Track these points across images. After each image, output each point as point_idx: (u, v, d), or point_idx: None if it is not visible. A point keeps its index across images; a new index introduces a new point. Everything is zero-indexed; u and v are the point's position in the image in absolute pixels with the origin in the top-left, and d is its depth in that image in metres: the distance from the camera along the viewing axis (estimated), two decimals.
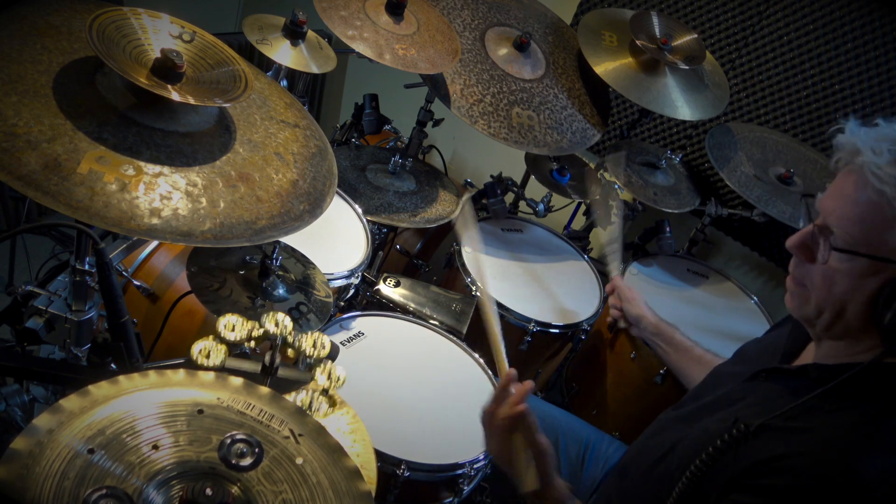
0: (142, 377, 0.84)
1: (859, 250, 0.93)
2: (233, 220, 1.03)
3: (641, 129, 2.70)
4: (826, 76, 2.28)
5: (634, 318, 1.72)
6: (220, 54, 1.15)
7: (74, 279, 1.19)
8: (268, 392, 0.89)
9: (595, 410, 2.09)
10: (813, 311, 1.01)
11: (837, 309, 0.98)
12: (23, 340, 1.22)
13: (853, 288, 0.95)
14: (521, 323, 1.89)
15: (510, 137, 1.95)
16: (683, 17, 2.47)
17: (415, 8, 1.87)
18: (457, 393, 1.60)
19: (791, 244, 1.02)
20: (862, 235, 0.93)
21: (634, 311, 1.71)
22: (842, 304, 0.97)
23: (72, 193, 0.90)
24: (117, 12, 1.06)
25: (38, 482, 0.68)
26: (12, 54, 1.00)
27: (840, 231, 0.95)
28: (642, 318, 1.69)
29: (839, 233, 0.95)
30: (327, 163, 1.28)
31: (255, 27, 1.63)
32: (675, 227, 2.27)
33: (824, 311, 0.99)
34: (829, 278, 0.97)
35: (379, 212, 1.95)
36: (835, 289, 0.96)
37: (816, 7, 2.23)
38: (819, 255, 0.97)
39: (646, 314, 1.69)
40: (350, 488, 0.81)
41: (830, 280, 0.97)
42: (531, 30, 2.18)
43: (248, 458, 0.78)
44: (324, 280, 1.55)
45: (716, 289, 2.23)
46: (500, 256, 2.10)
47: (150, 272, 1.61)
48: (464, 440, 1.46)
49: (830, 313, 0.99)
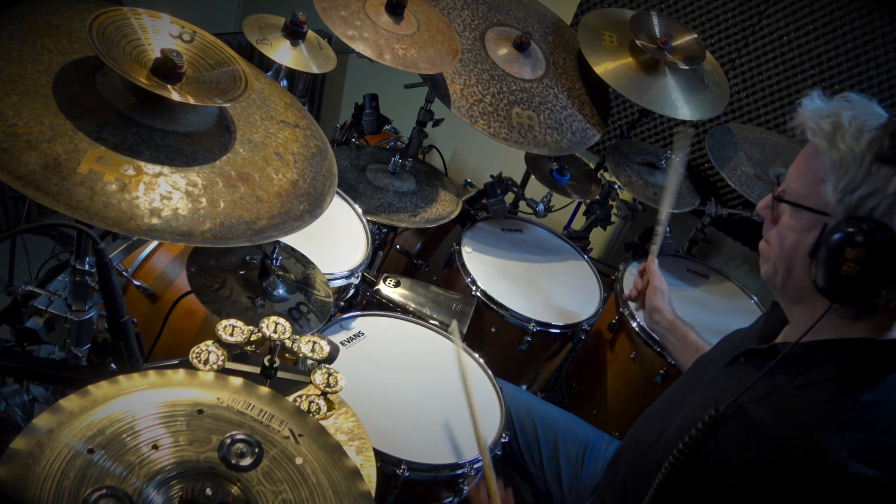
0: (142, 377, 0.84)
1: (800, 202, 0.99)
2: (233, 220, 1.03)
3: (641, 129, 2.70)
4: (826, 76, 2.28)
5: (651, 308, 1.68)
6: (220, 54, 1.15)
7: (74, 279, 1.19)
8: (268, 392, 0.89)
9: (595, 410, 2.09)
10: (771, 268, 1.06)
11: (787, 265, 1.02)
12: (23, 340, 1.22)
13: (798, 242, 0.99)
14: (521, 323, 1.89)
15: (510, 137, 1.95)
16: (683, 17, 2.47)
17: (415, 8, 1.86)
18: (457, 393, 1.59)
19: (759, 206, 1.09)
20: (802, 189, 0.99)
21: (655, 301, 1.66)
22: (790, 259, 1.01)
23: (72, 193, 0.90)
24: (117, 12, 1.06)
25: (38, 482, 0.68)
26: (12, 54, 1.00)
27: (788, 187, 1.02)
28: (659, 310, 1.66)
29: (787, 188, 1.02)
30: (327, 163, 1.28)
31: (255, 27, 1.63)
32: (675, 227, 2.27)
33: (778, 267, 1.04)
34: (781, 234, 1.03)
35: (379, 212, 1.95)
36: (785, 244, 1.02)
37: (816, 7, 2.23)
38: (774, 212, 1.05)
39: (664, 308, 1.65)
40: (350, 488, 0.81)
41: (782, 236, 1.02)
42: (531, 30, 2.18)
43: (248, 458, 0.78)
44: (324, 280, 1.55)
45: (716, 289, 2.23)
46: (500, 256, 2.10)
47: (150, 272, 1.61)
48: (464, 440, 1.46)
49: (782, 269, 1.03)
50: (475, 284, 1.94)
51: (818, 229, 0.95)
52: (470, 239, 2.10)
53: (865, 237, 0.88)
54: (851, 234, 0.89)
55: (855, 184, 0.91)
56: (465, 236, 2.09)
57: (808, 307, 1.01)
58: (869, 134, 0.92)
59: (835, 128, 0.94)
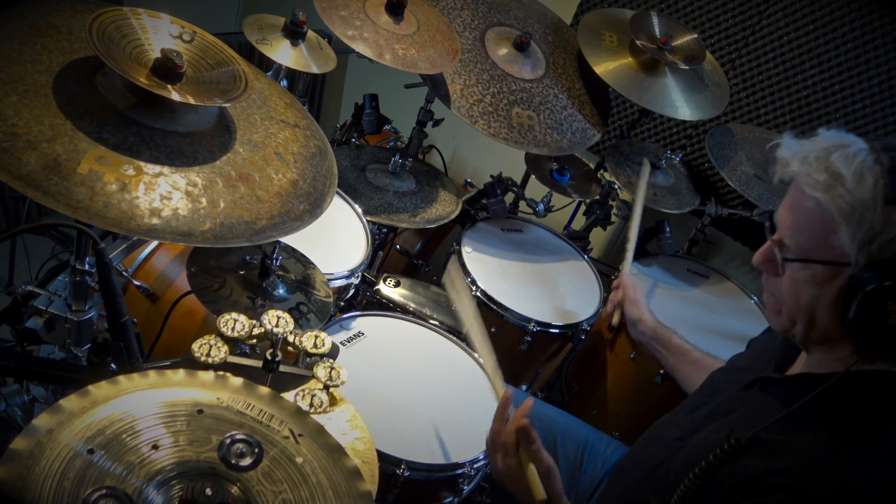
0: (142, 377, 0.84)
1: (811, 257, 0.96)
2: (233, 220, 1.03)
3: (641, 129, 2.70)
4: (826, 76, 2.28)
5: (632, 320, 1.71)
6: (220, 54, 1.15)
7: (74, 279, 1.19)
8: (268, 392, 0.89)
9: (595, 410, 2.09)
10: (787, 322, 1.04)
11: (808, 317, 1.00)
12: (23, 340, 1.22)
13: (817, 295, 0.97)
14: (521, 323, 1.89)
15: (510, 137, 1.95)
16: (683, 17, 2.47)
17: (415, 8, 1.86)
18: (457, 393, 1.59)
19: (756, 261, 1.06)
20: (810, 243, 0.96)
21: (634, 312, 1.71)
22: (811, 311, 0.99)
23: (72, 193, 0.90)
24: (117, 12, 1.06)
25: (38, 482, 0.68)
26: (12, 54, 1.00)
27: (791, 242, 0.99)
28: (641, 321, 1.69)
29: (790, 243, 0.99)
30: (327, 163, 1.28)
31: (255, 27, 1.63)
32: (675, 227, 2.27)
33: (797, 321, 1.02)
34: (793, 289, 1.00)
35: (379, 212, 1.95)
36: (801, 298, 0.99)
37: (816, 7, 2.23)
38: (779, 268, 1.02)
39: (645, 317, 1.68)
40: (350, 488, 0.81)
41: (795, 290, 1.00)
42: (531, 30, 2.18)
43: (248, 458, 0.78)
44: (324, 280, 1.55)
45: (716, 289, 2.23)
46: (500, 256, 2.10)
47: (150, 272, 1.61)
48: (464, 440, 1.46)
49: (802, 323, 1.01)
50: (475, 284, 1.94)
51: (840, 280, 0.94)
52: (470, 239, 2.10)
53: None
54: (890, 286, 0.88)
55: (873, 232, 0.89)
56: (465, 236, 2.09)
57: (835, 350, 1.00)
58: (871, 177, 0.90)
59: (833, 177, 0.92)
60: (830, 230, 0.93)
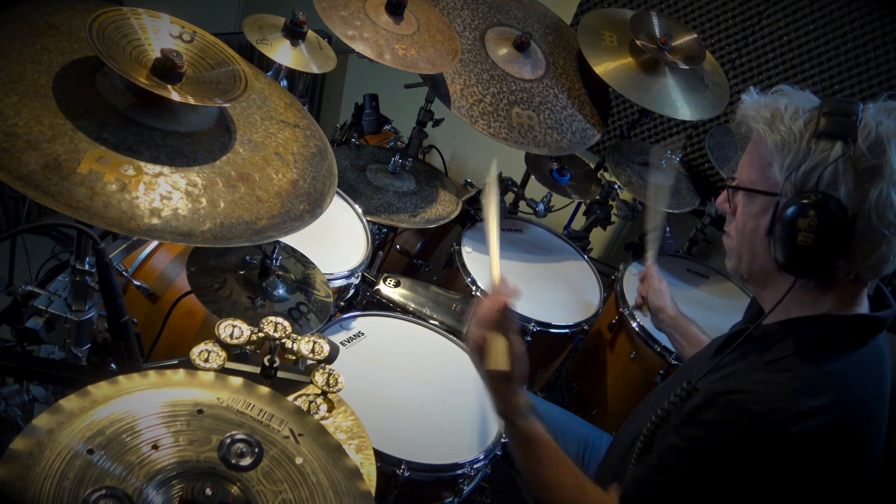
0: (142, 377, 0.84)
1: (752, 187, 1.04)
2: (233, 220, 1.03)
3: (641, 129, 2.70)
4: (826, 76, 2.28)
5: (655, 309, 1.72)
6: (220, 54, 1.15)
7: (74, 279, 1.19)
8: (267, 392, 0.89)
9: (595, 410, 2.09)
10: (735, 260, 1.11)
11: (749, 250, 1.07)
12: (23, 340, 1.22)
13: (755, 227, 1.04)
14: (521, 323, 1.89)
15: (510, 137, 1.95)
16: (683, 17, 2.47)
17: (415, 8, 1.86)
18: (457, 393, 1.59)
19: (718, 201, 1.14)
20: (752, 175, 1.05)
21: (657, 301, 1.72)
22: (752, 245, 1.06)
23: (72, 193, 0.90)
24: (117, 12, 1.06)
25: (38, 482, 0.68)
26: (12, 54, 1.00)
27: (739, 176, 1.08)
28: (662, 309, 1.70)
29: (739, 178, 1.08)
30: (327, 163, 1.28)
31: (255, 27, 1.63)
32: (675, 227, 2.27)
33: (742, 256, 1.09)
34: (740, 223, 1.08)
35: (379, 212, 1.95)
36: (745, 232, 1.07)
37: (816, 7, 2.23)
38: (731, 204, 1.10)
39: (667, 306, 1.70)
40: (350, 488, 0.81)
41: (741, 224, 1.08)
42: (531, 30, 2.18)
43: (248, 458, 0.78)
44: (324, 280, 1.55)
45: (716, 289, 2.23)
46: (500, 256, 2.09)
47: (150, 272, 1.61)
48: (464, 440, 1.46)
49: (746, 256, 1.08)
50: (475, 284, 1.94)
51: (772, 209, 1.00)
52: (470, 239, 2.10)
53: (815, 207, 0.94)
54: (802, 206, 0.95)
55: (798, 161, 0.97)
56: (465, 236, 2.09)
57: (776, 289, 1.05)
58: (804, 115, 0.98)
59: (773, 114, 1.00)
60: (767, 163, 1.01)
